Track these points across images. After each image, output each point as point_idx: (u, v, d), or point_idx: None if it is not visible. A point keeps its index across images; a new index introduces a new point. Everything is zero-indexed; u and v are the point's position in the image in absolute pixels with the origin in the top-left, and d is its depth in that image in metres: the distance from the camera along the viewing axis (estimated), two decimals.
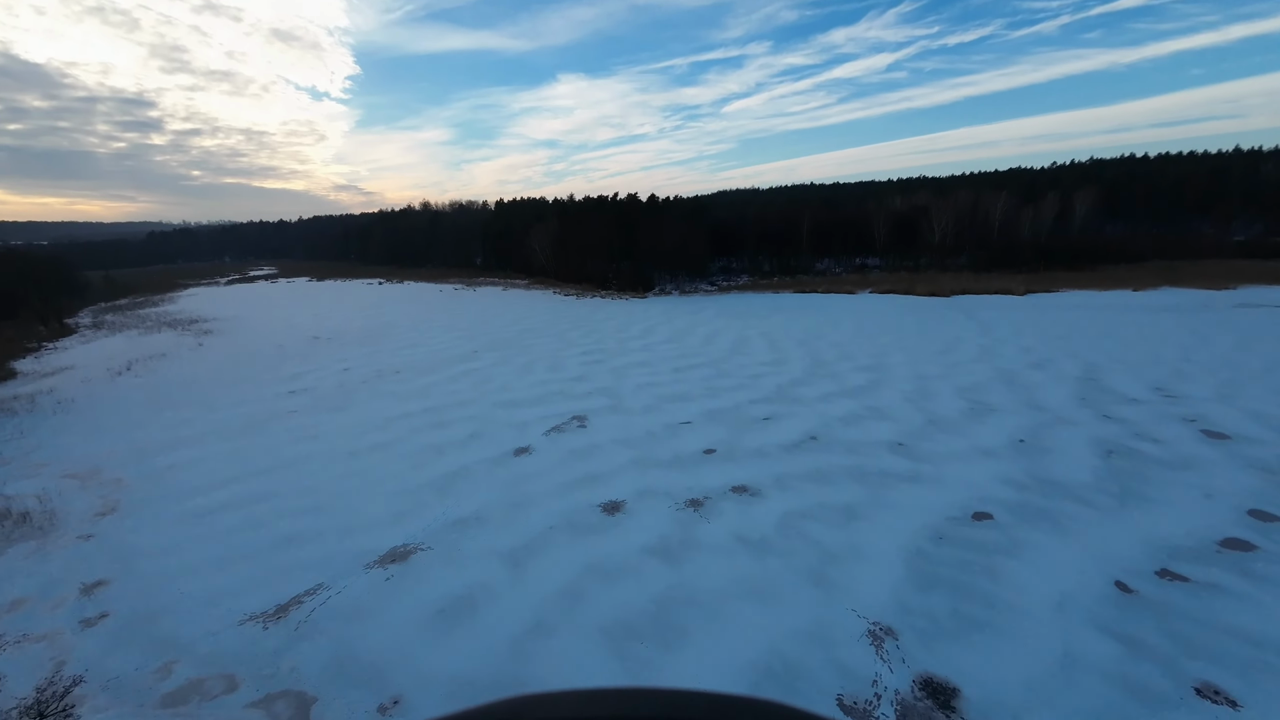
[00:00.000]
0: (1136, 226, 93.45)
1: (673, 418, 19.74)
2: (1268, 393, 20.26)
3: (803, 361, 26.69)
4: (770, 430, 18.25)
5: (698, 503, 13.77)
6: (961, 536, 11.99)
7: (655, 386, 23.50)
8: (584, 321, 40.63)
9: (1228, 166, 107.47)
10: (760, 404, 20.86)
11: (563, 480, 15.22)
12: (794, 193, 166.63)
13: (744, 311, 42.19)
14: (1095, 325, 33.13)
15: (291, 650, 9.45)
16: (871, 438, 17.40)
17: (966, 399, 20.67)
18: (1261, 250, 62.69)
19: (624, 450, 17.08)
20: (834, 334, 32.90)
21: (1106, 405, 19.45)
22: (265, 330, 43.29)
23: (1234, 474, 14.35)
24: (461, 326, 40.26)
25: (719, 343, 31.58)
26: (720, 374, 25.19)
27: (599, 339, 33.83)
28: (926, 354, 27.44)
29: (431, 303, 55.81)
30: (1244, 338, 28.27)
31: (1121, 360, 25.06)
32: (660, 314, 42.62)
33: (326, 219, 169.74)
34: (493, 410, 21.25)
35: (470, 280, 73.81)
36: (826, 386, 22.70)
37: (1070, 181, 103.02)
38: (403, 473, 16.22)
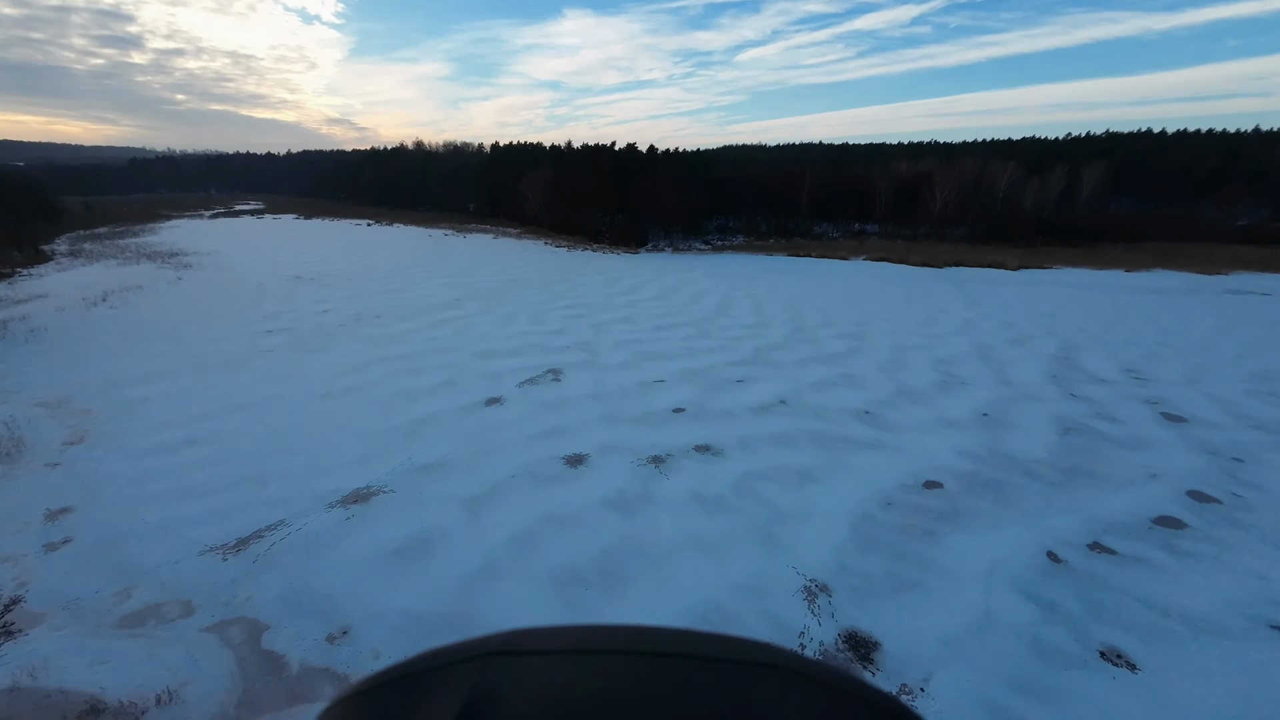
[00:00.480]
0: (1142, 205, 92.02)
1: (647, 375, 19.85)
2: (1234, 378, 20.59)
3: (784, 326, 26.68)
4: (742, 392, 18.43)
5: (660, 459, 14.04)
6: (909, 503, 12.37)
7: (635, 344, 23.50)
8: (572, 274, 40.12)
9: (1242, 147, 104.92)
10: (736, 366, 20.97)
11: (530, 432, 15.43)
12: (801, 151, 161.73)
13: (734, 273, 41.76)
14: (1081, 304, 33.15)
15: (248, 580, 9.78)
16: (840, 404, 17.64)
17: (940, 371, 20.87)
18: (1262, 236, 62.07)
19: (594, 405, 17.25)
20: (820, 300, 32.75)
21: (1075, 384, 19.72)
22: (247, 267, 42.48)
23: (1182, 456, 14.76)
24: (447, 273, 39.66)
25: (704, 303, 31.40)
26: (701, 334, 25.17)
27: (584, 293, 33.52)
28: (909, 324, 27.47)
29: (419, 248, 54.74)
30: (1225, 323, 28.45)
31: (1100, 340, 25.23)
32: (650, 271, 42.11)
33: (317, 154, 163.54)
34: (469, 360, 21.25)
35: (461, 226, 72.14)
36: (804, 352, 22.79)
37: (1082, 154, 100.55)
38: (373, 417, 16.35)
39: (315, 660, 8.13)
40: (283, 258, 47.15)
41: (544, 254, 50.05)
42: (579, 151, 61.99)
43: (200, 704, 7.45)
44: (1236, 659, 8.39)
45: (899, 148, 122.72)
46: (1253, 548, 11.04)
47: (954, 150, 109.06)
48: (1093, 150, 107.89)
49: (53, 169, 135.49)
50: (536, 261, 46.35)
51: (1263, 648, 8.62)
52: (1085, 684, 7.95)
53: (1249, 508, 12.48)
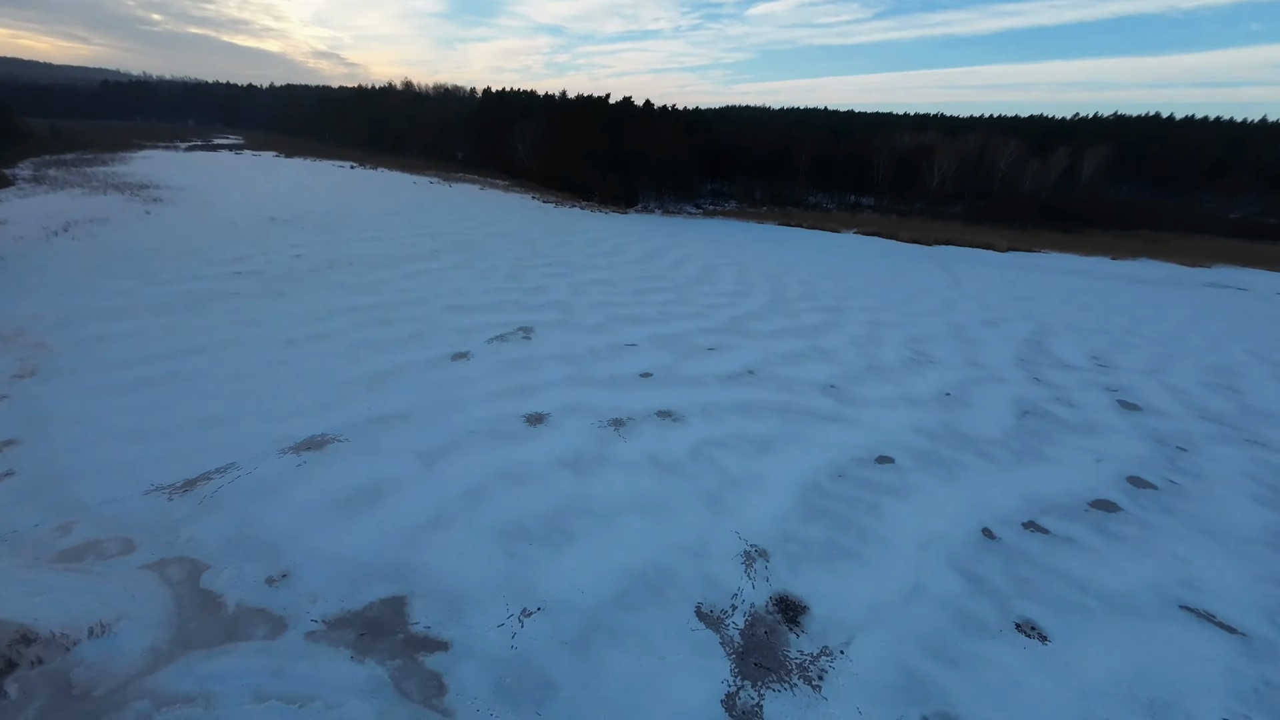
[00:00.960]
0: (1140, 192, 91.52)
1: (620, 339, 19.74)
2: (1194, 370, 21.01)
3: (764, 296, 26.53)
4: (712, 360, 18.44)
5: (620, 423, 14.11)
6: (859, 476, 12.63)
7: (611, 306, 23.27)
8: (557, 231, 39.27)
9: (1247, 137, 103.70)
10: (710, 334, 20.91)
11: (494, 389, 15.36)
12: (805, 116, 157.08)
13: (722, 239, 41.15)
14: (1062, 289, 33.30)
15: (192, 521, 9.80)
16: (807, 377, 17.75)
17: (912, 349, 21.01)
18: (1253, 230, 62.30)
19: (562, 366, 17.18)
20: (804, 271, 32.51)
21: (1040, 368, 19.99)
22: (220, 204, 40.94)
23: (1130, 442, 15.16)
24: (428, 223, 38.60)
25: (687, 269, 31.02)
26: (680, 300, 24.96)
27: (567, 252, 32.90)
28: (889, 301, 27.45)
29: (402, 195, 53.02)
30: (1197, 316, 28.82)
31: (1073, 326, 25.47)
32: (637, 232, 41.33)
33: (301, 89, 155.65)
34: (440, 313, 20.92)
35: (448, 175, 69.82)
36: (780, 323, 22.75)
37: (1086, 136, 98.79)
38: (337, 366, 16.15)
39: (252, 601, 8.24)
40: (259, 197, 45.47)
41: (531, 209, 48.76)
42: (573, 103, 59.53)
43: (133, 638, 7.55)
44: (1142, 634, 8.83)
45: (904, 119, 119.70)
46: (1179, 533, 11.49)
47: (959, 124, 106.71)
48: (1098, 132, 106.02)
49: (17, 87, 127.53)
50: (522, 216, 45.21)
51: (1169, 625, 9.08)
52: (997, 652, 8.35)
53: (1183, 494, 12.94)
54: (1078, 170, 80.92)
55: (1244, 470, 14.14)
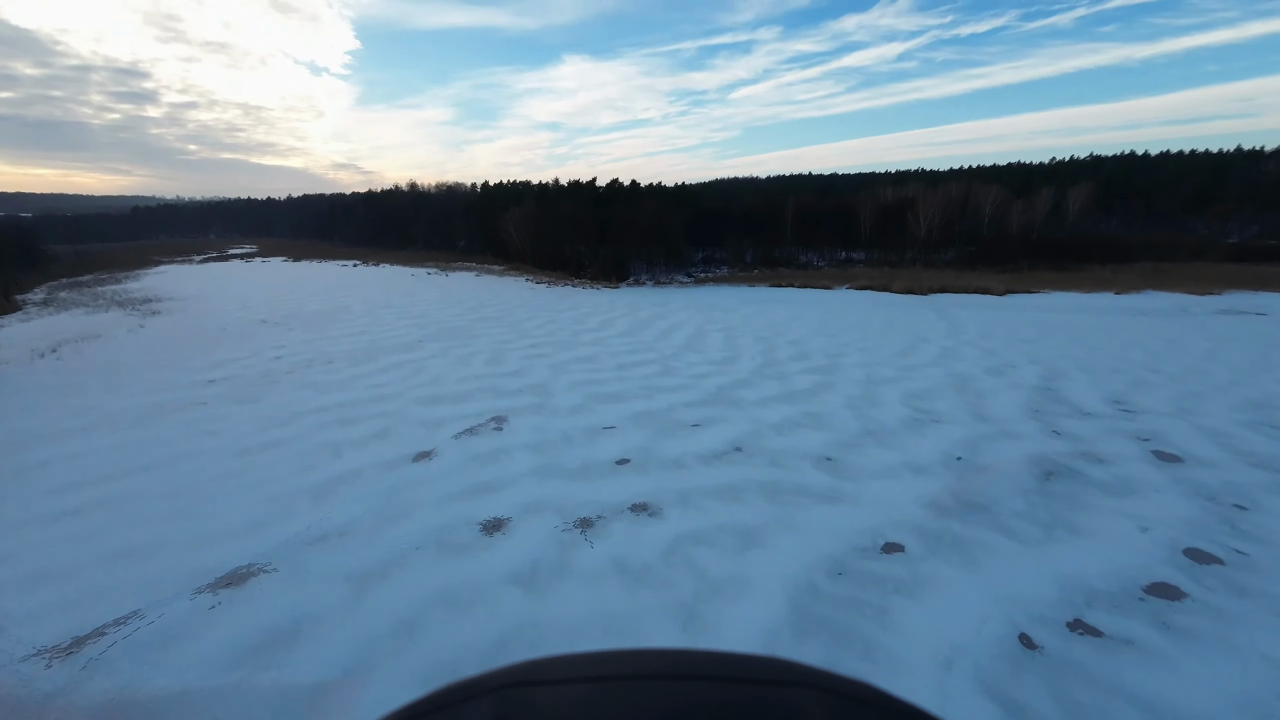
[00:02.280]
0: (1130, 224, 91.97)
1: (598, 420, 18.50)
2: (1228, 408, 19.12)
3: (754, 361, 25.42)
4: (696, 438, 17.02)
5: (588, 522, 12.56)
6: (863, 570, 10.82)
7: (592, 384, 22.23)
8: (544, 310, 39.21)
9: (1228, 165, 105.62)
10: (695, 407, 19.62)
11: (452, 490, 14.00)
12: (791, 182, 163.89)
13: (712, 305, 40.82)
14: (1067, 329, 31.91)
15: (65, 694, 8.25)
16: (800, 448, 16.20)
17: (912, 407, 19.47)
18: (1254, 253, 61.31)
19: (531, 457, 15.86)
20: (796, 331, 31.60)
21: (1058, 418, 18.26)
22: (217, 311, 41.76)
23: (1176, 502, 13.21)
24: (418, 313, 38.80)
25: (674, 337, 30.26)
26: (665, 372, 23.91)
27: (553, 330, 32.47)
28: (885, 355, 26.19)
29: (397, 287, 54.21)
30: (1217, 346, 27.09)
31: (1085, 367, 23.86)
32: (626, 305, 41.21)
33: (316, 197, 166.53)
34: (410, 407, 19.96)
35: (447, 265, 72.04)
36: (770, 389, 21.46)
37: (1066, 176, 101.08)
38: (286, 475, 14.98)
39: None
40: (257, 300, 46.54)
41: (522, 290, 49.37)
42: (560, 187, 62.23)
43: None
44: None
45: (886, 175, 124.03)
46: (1261, 621, 9.42)
47: (940, 176, 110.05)
48: (1077, 172, 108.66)
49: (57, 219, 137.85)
50: (513, 298, 45.59)
51: None
52: None
53: (1254, 568, 10.88)
54: (1064, 208, 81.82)
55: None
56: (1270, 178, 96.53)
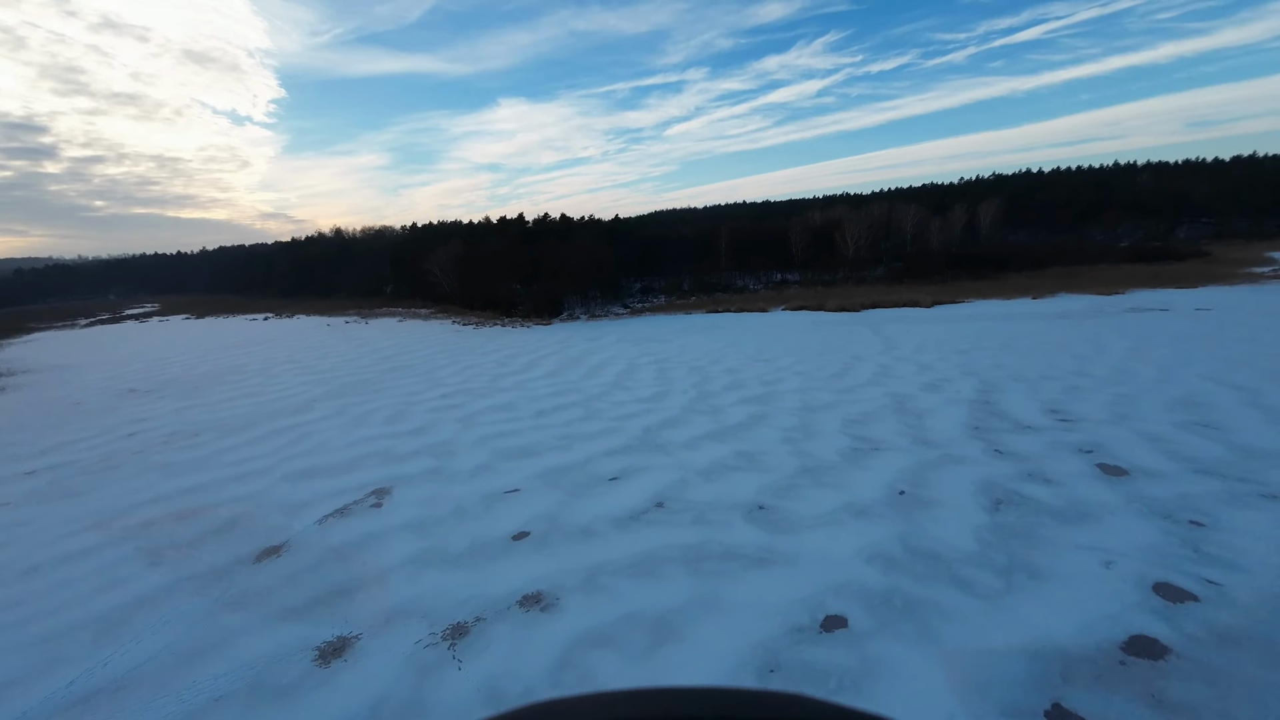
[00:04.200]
0: (1036, 235, 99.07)
1: (502, 483, 15.86)
2: (1161, 409, 18.67)
3: (686, 395, 23.53)
4: (612, 495, 14.67)
5: (462, 629, 9.86)
6: (800, 662, 8.65)
7: (503, 438, 19.58)
8: (466, 354, 36.25)
9: (1111, 179, 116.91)
10: (616, 456, 17.32)
11: (292, 601, 10.96)
12: (727, 211, 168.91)
13: (647, 336, 39.13)
14: (995, 336, 32.05)
15: None
16: (730, 497, 14.14)
17: (851, 435, 17.94)
18: (1145, 254, 66.43)
19: (410, 540, 13.01)
20: (732, 358, 30.16)
21: (999, 435, 17.14)
22: (80, 382, 36.29)
23: (1134, 525, 11.92)
24: (323, 367, 34.94)
25: (604, 374, 28.08)
26: (588, 415, 21.57)
27: (470, 376, 29.60)
28: (822, 378, 24.95)
29: (307, 340, 49.71)
30: (1136, 345, 27.56)
31: (1018, 376, 23.37)
32: (556, 342, 38.84)
33: (235, 249, 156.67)
34: (275, 486, 16.63)
35: (369, 312, 67.61)
36: (702, 426, 19.50)
37: (976, 194, 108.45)
38: (74, 601, 11.48)
39: None
40: (136, 366, 41.07)
41: (446, 334, 46.13)
42: (489, 225, 60.01)
43: None
44: None
45: (814, 201, 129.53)
46: (1260, 679, 7.86)
47: (863, 199, 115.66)
48: (985, 191, 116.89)
49: None
50: (435, 342, 42.29)
51: None
52: None
53: (1233, 603, 9.49)
54: (977, 223, 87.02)
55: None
56: (1146, 187, 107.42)
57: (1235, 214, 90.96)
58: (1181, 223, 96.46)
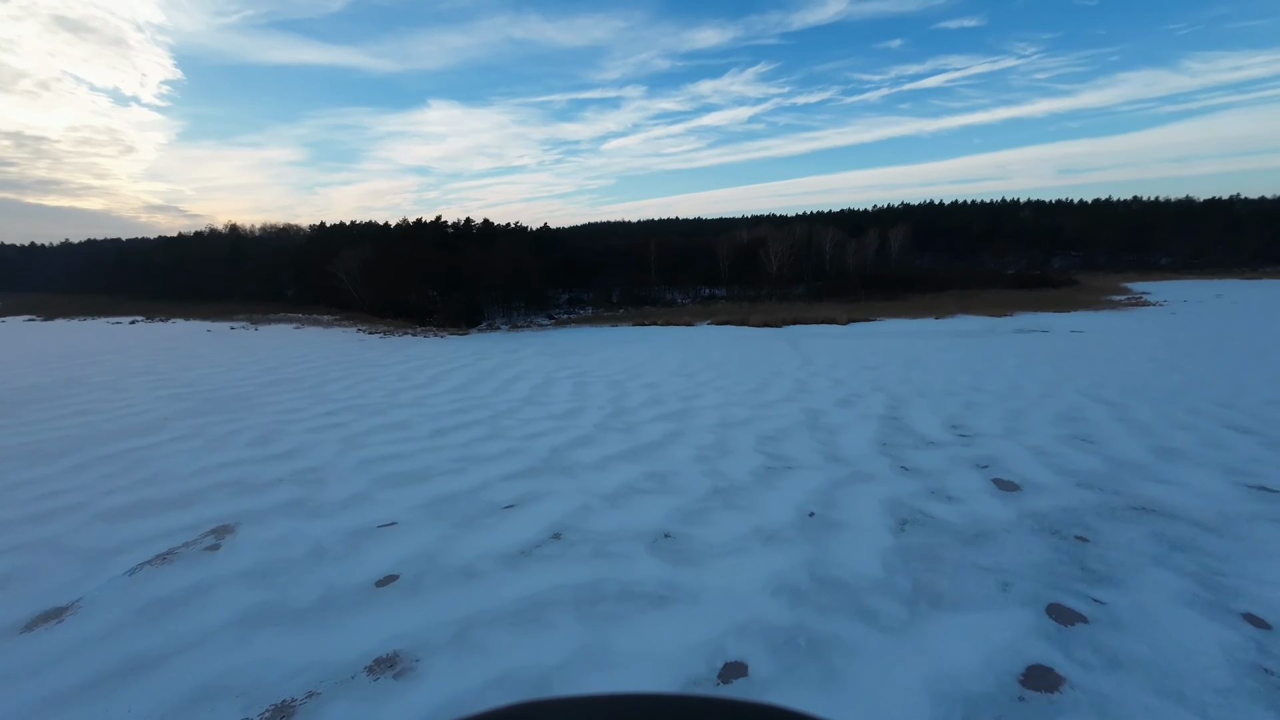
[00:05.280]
0: (938, 259, 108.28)
1: (376, 516, 13.78)
2: (1046, 422, 19.81)
3: (601, 411, 22.32)
4: (504, 527, 13.08)
5: (286, 711, 7.93)
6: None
7: (390, 461, 17.37)
8: (365, 366, 33.05)
9: (999, 213, 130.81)
10: (516, 480, 15.73)
11: (62, 687, 8.46)
12: (661, 226, 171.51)
13: (569, 348, 37.70)
14: (903, 354, 33.57)
15: None
16: (635, 525, 13.00)
17: (765, 452, 17.47)
18: (1027, 281, 74.05)
19: (246, 592, 10.72)
20: (654, 372, 29.40)
21: (904, 451, 17.31)
22: None
23: (1026, 543, 12.01)
24: (187, 379, 30.43)
25: (516, 389, 26.29)
26: (492, 434, 19.77)
27: (365, 391, 26.74)
28: (741, 393, 24.67)
29: (178, 348, 43.74)
30: (1024, 363, 29.71)
31: (923, 392, 24.24)
32: (470, 354, 36.44)
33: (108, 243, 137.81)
34: (84, 528, 13.53)
35: (263, 316, 61.09)
36: (613, 445, 18.33)
37: (888, 221, 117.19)
38: None
39: None
40: None
41: (348, 343, 42.18)
42: (404, 228, 56.28)
43: None
44: None
45: (742, 220, 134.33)
46: (1148, 706, 7.69)
47: (787, 221, 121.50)
48: (895, 218, 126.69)
49: None
50: (333, 352, 38.41)
51: None
52: None
53: (1118, 623, 9.51)
54: (888, 247, 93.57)
55: (1154, 555, 11.40)
56: (1028, 223, 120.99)
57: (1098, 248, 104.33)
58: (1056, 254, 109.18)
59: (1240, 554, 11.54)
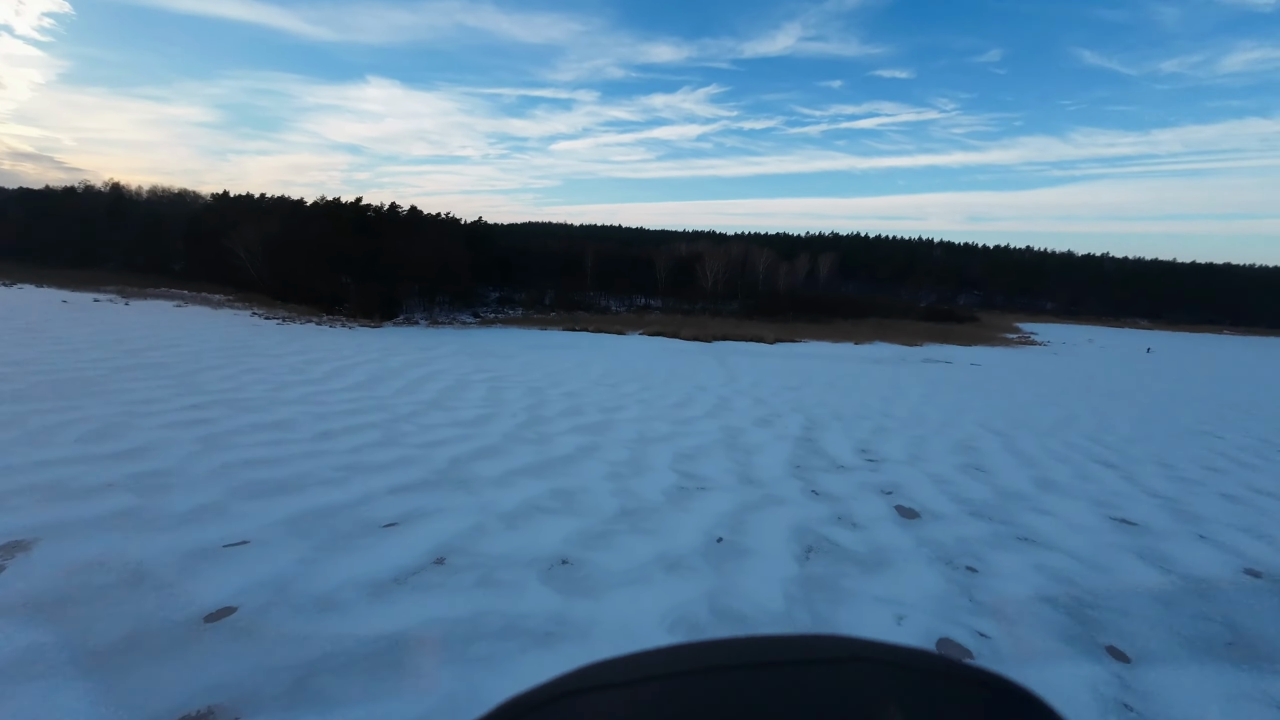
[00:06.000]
0: (862, 288, 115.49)
1: (225, 532, 11.76)
2: (945, 450, 20.79)
3: (514, 419, 20.99)
4: (380, 548, 11.53)
5: None
6: None
7: (255, 467, 15.15)
8: (253, 355, 29.56)
9: (915, 250, 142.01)
10: (404, 494, 14.15)
11: None
12: (603, 232, 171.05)
13: (490, 350, 35.85)
14: (823, 376, 34.71)
15: None
16: (532, 548, 11.90)
17: (680, 471, 16.95)
18: (936, 314, 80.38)
19: (22, 630, 8.54)
20: (576, 380, 28.37)
21: (816, 474, 17.42)
22: None
23: (922, 573, 12.14)
24: (19, 358, 25.69)
25: (424, 390, 24.31)
26: (386, 440, 17.91)
27: (246, 384, 23.71)
28: (663, 407, 24.21)
29: (13, 319, 37.32)
30: (930, 392, 31.51)
31: (838, 415, 24.90)
32: (380, 349, 33.68)
33: None
34: None
35: (142, 291, 53.77)
36: (522, 457, 17.11)
37: (818, 247, 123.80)
38: None
39: None
40: None
41: (236, 328, 37.80)
42: (319, 206, 51.68)
43: None
44: None
45: (682, 234, 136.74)
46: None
47: (726, 239, 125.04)
48: (825, 245, 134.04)
49: None
50: (215, 338, 34.18)
51: None
52: None
53: (1000, 658, 9.60)
54: (816, 272, 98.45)
55: (1038, 590, 11.84)
56: (939, 262, 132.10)
57: (995, 290, 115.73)
58: (962, 291, 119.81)
59: (1105, 586, 12.26)
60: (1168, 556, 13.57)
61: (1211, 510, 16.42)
